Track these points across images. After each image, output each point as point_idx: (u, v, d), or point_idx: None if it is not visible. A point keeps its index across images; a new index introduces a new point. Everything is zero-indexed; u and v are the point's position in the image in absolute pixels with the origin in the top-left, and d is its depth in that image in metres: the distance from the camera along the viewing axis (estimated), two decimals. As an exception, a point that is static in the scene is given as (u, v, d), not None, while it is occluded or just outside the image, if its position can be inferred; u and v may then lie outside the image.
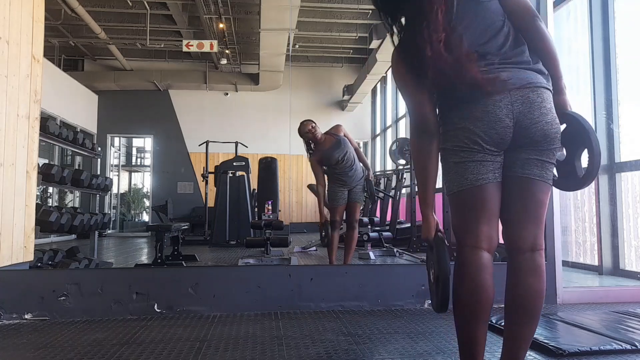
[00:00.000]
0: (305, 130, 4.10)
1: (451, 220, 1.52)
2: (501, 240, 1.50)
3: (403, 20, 1.51)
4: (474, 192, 1.41)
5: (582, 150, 1.47)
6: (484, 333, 1.40)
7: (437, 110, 1.50)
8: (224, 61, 10.40)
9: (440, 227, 1.55)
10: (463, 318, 1.41)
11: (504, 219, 1.47)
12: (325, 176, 4.18)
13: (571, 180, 1.51)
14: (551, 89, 1.45)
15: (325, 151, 4.06)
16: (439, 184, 1.68)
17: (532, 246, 1.42)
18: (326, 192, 4.15)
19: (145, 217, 12.35)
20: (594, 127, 4.42)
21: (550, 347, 2.03)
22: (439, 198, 4.69)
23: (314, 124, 4.11)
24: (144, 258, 6.06)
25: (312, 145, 4.14)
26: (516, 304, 1.41)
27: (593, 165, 1.44)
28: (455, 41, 1.38)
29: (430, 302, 2.92)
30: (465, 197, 1.43)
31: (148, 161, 12.66)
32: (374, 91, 12.00)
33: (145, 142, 13.94)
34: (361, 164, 4.23)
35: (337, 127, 4.22)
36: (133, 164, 14.65)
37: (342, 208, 4.12)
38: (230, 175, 7.67)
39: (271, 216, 5.55)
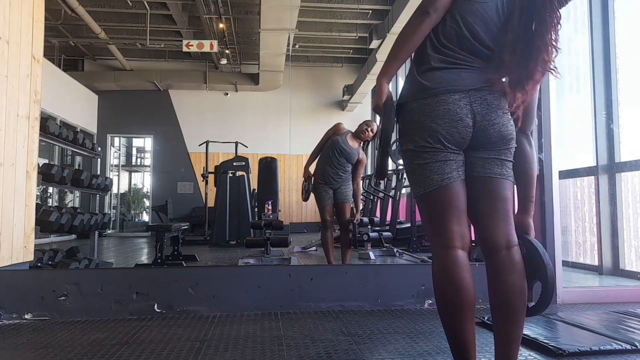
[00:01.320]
0: (366, 127, 4.18)
1: (422, 222, 1.52)
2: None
3: None
4: (440, 193, 1.43)
5: (535, 282, 1.46)
6: (472, 331, 1.40)
7: (398, 100, 1.52)
8: (224, 61, 10.40)
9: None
10: (448, 319, 1.41)
11: (474, 220, 1.48)
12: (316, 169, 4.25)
13: None
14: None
15: (345, 145, 4.13)
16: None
17: (506, 243, 1.44)
18: (313, 184, 4.22)
19: (145, 217, 12.34)
20: (594, 128, 4.45)
21: (550, 347, 2.03)
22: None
23: (373, 131, 4.18)
24: (144, 258, 6.06)
25: (357, 132, 4.21)
26: (501, 303, 1.42)
27: (543, 301, 1.42)
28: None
29: (430, 301, 2.92)
30: (432, 198, 1.45)
31: (148, 161, 12.65)
32: (374, 91, 11.99)
33: (145, 142, 13.92)
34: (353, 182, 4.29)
35: (363, 153, 4.31)
36: (133, 164, 14.63)
37: (330, 208, 4.17)
38: (230, 175, 7.67)
39: (271, 216, 5.55)
